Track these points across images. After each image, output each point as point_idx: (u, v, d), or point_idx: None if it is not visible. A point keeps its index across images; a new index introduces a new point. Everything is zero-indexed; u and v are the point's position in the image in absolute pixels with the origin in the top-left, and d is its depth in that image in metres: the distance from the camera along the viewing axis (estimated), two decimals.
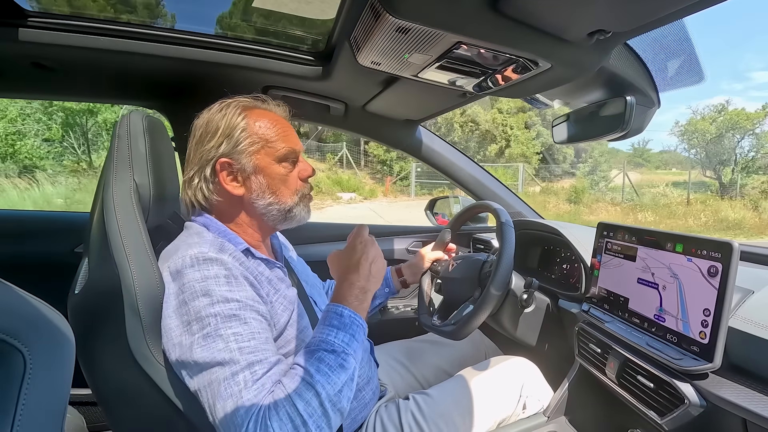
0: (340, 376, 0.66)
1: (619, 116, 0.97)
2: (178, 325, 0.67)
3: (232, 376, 0.62)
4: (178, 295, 0.68)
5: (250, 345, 0.65)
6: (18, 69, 1.14)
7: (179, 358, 0.67)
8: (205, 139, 0.80)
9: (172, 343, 0.68)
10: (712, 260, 0.72)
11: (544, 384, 1.10)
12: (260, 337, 0.67)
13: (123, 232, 0.72)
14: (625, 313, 0.91)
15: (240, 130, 0.79)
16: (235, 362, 0.63)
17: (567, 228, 1.28)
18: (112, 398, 0.77)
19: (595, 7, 0.63)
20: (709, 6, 0.61)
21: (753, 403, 0.66)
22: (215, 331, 0.65)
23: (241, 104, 0.83)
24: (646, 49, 0.90)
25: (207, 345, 0.64)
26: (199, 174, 0.80)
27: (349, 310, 0.74)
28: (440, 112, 1.43)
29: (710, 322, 0.71)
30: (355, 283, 0.78)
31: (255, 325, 0.68)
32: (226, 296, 0.67)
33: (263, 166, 0.81)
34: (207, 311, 0.66)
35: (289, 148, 0.84)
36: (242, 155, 0.79)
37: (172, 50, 1.10)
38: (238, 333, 0.65)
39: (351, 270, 0.80)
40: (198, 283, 0.68)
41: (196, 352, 0.64)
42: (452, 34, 0.73)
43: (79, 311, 0.78)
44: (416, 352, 1.22)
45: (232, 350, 0.64)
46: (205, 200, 0.82)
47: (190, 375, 0.66)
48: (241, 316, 0.67)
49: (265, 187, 0.82)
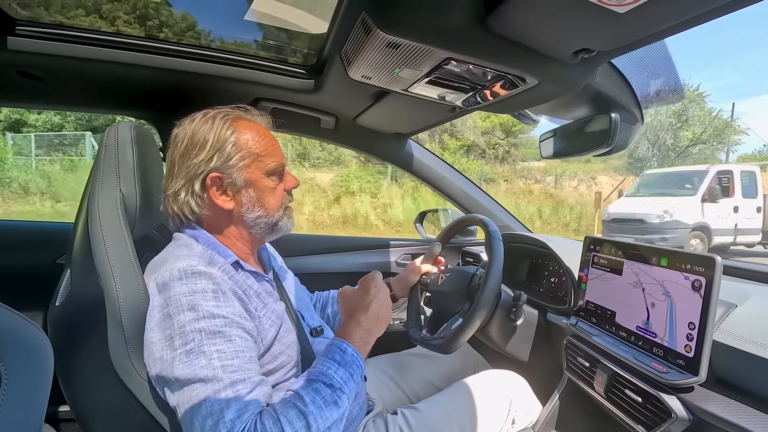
0: (333, 413, 0.65)
1: (604, 132, 0.99)
2: (161, 339, 0.66)
3: (214, 394, 0.61)
4: (163, 308, 0.67)
5: (233, 363, 0.64)
6: (4, 78, 1.13)
7: (160, 373, 0.65)
8: (192, 153, 0.78)
9: (153, 358, 0.66)
10: (696, 274, 0.74)
11: (533, 398, 1.09)
12: (244, 356, 0.66)
13: (108, 242, 0.71)
14: (612, 327, 0.92)
15: (231, 144, 0.78)
16: (217, 380, 0.62)
17: (555, 242, 1.29)
18: (92, 414, 0.75)
19: (581, 27, 0.65)
20: (691, 27, 0.63)
21: (738, 417, 0.67)
22: (198, 347, 0.63)
23: (228, 116, 0.82)
24: (630, 68, 0.93)
25: (189, 361, 0.63)
26: (187, 188, 0.79)
27: (352, 348, 0.75)
28: (429, 126, 1.45)
29: (695, 336, 0.72)
30: (362, 323, 0.80)
31: (239, 343, 0.67)
32: (213, 312, 0.66)
33: (254, 180, 0.81)
34: (191, 326, 0.64)
35: (277, 162, 0.84)
36: (233, 169, 0.79)
37: (162, 61, 1.10)
38: (222, 350, 0.64)
39: (361, 310, 0.83)
40: (184, 297, 0.66)
41: (177, 368, 0.63)
42: (442, 50, 0.74)
43: (60, 324, 0.76)
44: (405, 366, 1.21)
45: (215, 368, 0.62)
46: (192, 214, 0.80)
47: (171, 390, 0.65)
48: (226, 333, 0.66)
49: (255, 201, 0.82)
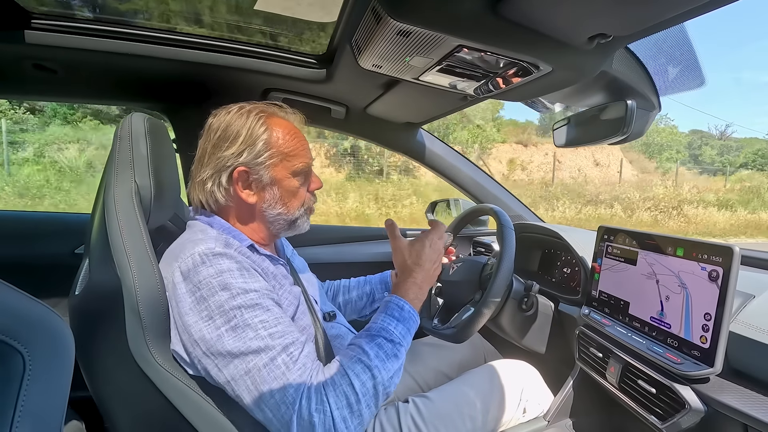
0: (394, 365, 0.71)
1: (620, 120, 0.97)
2: (197, 321, 0.67)
3: (271, 361, 0.64)
4: (194, 292, 0.68)
5: (278, 329, 0.67)
6: (19, 70, 1.14)
7: (206, 352, 0.66)
8: (224, 145, 0.80)
9: (192, 340, 0.67)
10: (713, 264, 0.72)
11: (545, 388, 1.09)
12: (284, 321, 0.70)
13: (124, 233, 0.72)
14: (626, 317, 0.91)
15: (262, 141, 0.80)
16: (270, 348, 0.65)
17: (568, 231, 1.28)
18: (112, 400, 0.77)
19: (596, 11, 0.63)
20: (710, 10, 0.61)
21: (754, 409, 0.66)
22: (243, 321, 0.66)
23: (263, 112, 0.83)
24: (647, 53, 0.90)
25: (237, 336, 0.65)
26: (214, 179, 0.80)
27: (409, 305, 0.81)
28: (441, 115, 1.43)
29: (711, 327, 0.71)
30: (417, 281, 0.85)
31: (276, 311, 0.70)
32: (244, 287, 0.69)
33: (280, 178, 0.83)
34: (230, 304, 0.66)
35: (305, 164, 0.85)
36: (261, 167, 0.80)
37: (174, 52, 1.10)
38: (265, 320, 0.67)
39: (416, 267, 0.87)
40: (214, 279, 0.68)
41: (227, 343, 0.65)
42: (453, 38, 0.73)
43: (79, 312, 0.78)
44: (416, 355, 1.22)
45: (263, 337, 0.66)
46: (216, 203, 0.82)
47: (220, 367, 0.66)
48: (263, 304, 0.69)
49: (278, 199, 0.84)
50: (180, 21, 1.14)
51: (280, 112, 0.86)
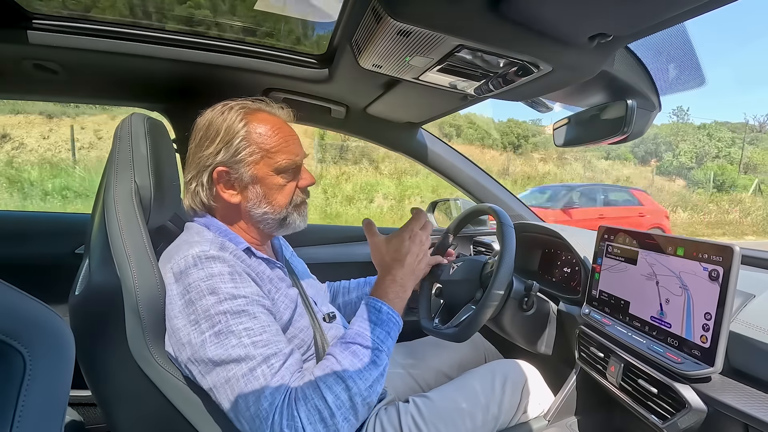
0: (372, 372, 0.67)
1: (620, 119, 0.97)
2: (186, 325, 0.67)
3: (250, 372, 0.63)
4: (184, 295, 0.68)
5: (262, 338, 0.66)
6: (20, 70, 1.14)
7: (191, 357, 0.66)
8: (204, 144, 0.79)
9: (180, 343, 0.67)
10: (713, 264, 0.72)
11: (545, 387, 1.09)
12: (271, 330, 0.68)
13: (124, 233, 0.72)
14: (626, 317, 0.91)
15: (240, 138, 0.78)
16: (251, 357, 0.64)
17: (567, 231, 1.28)
18: (112, 399, 0.77)
19: (596, 11, 0.63)
20: (710, 9, 0.61)
21: (755, 409, 0.66)
22: (227, 328, 0.65)
23: (244, 108, 0.81)
24: (647, 53, 0.90)
25: (220, 342, 0.64)
26: (197, 179, 0.80)
27: (387, 306, 0.76)
28: (441, 114, 1.43)
29: (711, 326, 0.71)
30: (397, 279, 0.80)
31: (264, 318, 0.68)
32: (233, 293, 0.67)
33: (261, 176, 0.80)
34: (215, 309, 0.66)
35: (290, 160, 0.82)
36: (240, 165, 0.78)
37: (174, 52, 1.10)
38: (249, 328, 0.66)
39: (395, 264, 0.82)
40: (203, 282, 0.67)
41: (209, 350, 0.64)
42: (453, 37, 0.73)
43: (80, 312, 0.78)
44: (416, 355, 1.22)
45: (246, 345, 0.64)
46: (202, 205, 0.81)
47: (203, 373, 0.66)
48: (250, 311, 0.67)
49: (261, 198, 0.81)
50: (180, 21, 1.14)
51: (266, 107, 0.84)
